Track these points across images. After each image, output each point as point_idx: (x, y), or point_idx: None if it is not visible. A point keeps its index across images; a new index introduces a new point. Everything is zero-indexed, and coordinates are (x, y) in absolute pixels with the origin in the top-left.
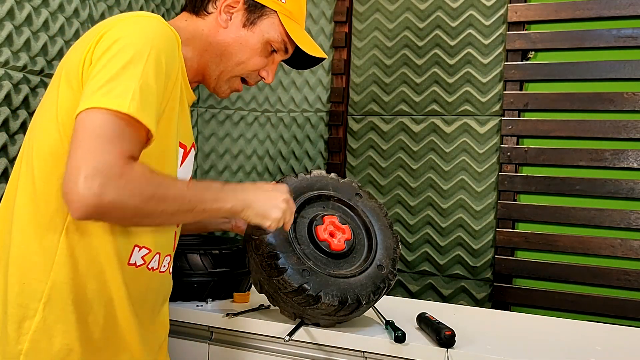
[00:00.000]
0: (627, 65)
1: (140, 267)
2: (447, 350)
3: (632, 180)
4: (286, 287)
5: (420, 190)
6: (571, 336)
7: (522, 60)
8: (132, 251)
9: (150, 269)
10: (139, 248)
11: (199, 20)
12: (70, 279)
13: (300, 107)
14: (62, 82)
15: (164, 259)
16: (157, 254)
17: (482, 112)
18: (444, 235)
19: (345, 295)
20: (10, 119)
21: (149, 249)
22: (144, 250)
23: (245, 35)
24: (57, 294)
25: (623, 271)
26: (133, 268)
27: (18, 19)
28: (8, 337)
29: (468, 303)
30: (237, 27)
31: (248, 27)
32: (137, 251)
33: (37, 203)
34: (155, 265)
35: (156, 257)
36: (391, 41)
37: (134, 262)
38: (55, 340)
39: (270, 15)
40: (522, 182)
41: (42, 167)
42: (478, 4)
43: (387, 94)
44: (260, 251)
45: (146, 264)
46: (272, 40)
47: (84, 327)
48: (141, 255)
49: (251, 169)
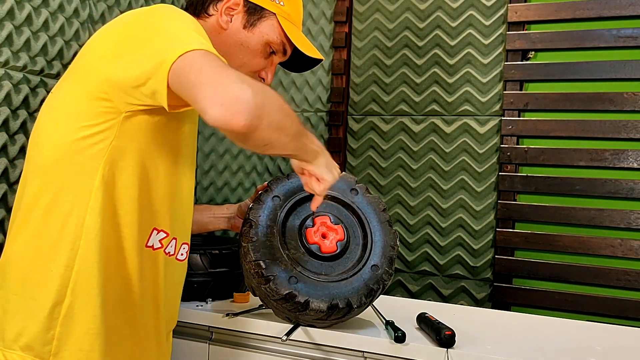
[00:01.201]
0: (627, 65)
1: (157, 250)
2: (447, 350)
3: (632, 180)
4: (274, 294)
5: (420, 190)
6: (571, 336)
7: (522, 60)
8: (151, 234)
9: (167, 253)
10: (157, 231)
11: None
12: (96, 261)
13: (300, 107)
14: (74, 82)
15: (181, 246)
16: (173, 239)
17: (482, 112)
18: (444, 235)
19: (335, 300)
20: (10, 119)
21: (167, 233)
22: (162, 233)
23: (246, 37)
24: (83, 280)
25: (623, 271)
26: (150, 251)
27: (18, 19)
28: (39, 324)
29: (468, 303)
30: (237, 29)
31: (248, 28)
32: (156, 234)
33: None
34: (172, 250)
35: (173, 242)
36: (391, 41)
37: (152, 244)
38: (83, 324)
39: (269, 17)
40: (522, 182)
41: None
42: (478, 4)
43: (387, 94)
44: (247, 259)
45: (163, 248)
46: (271, 41)
47: (107, 310)
48: (159, 238)
49: (251, 169)
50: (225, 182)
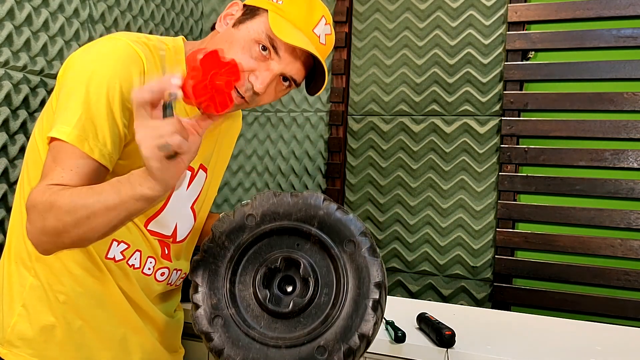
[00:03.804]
0: (627, 65)
1: (119, 262)
2: (447, 350)
3: (632, 180)
4: (196, 325)
5: (420, 190)
6: (571, 336)
7: (522, 60)
8: (110, 245)
9: (131, 265)
10: (117, 242)
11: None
12: (45, 277)
13: (300, 107)
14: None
15: (147, 259)
16: (137, 251)
17: (482, 112)
18: (444, 235)
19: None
20: (10, 119)
21: (127, 244)
22: (122, 244)
23: (231, 33)
24: (34, 292)
25: (623, 271)
26: (112, 262)
27: (18, 19)
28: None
29: (468, 303)
30: (227, 29)
31: (237, 26)
32: (116, 245)
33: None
34: (136, 263)
35: (136, 254)
36: (391, 41)
37: (113, 256)
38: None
39: (261, 14)
40: (522, 182)
41: (30, 174)
42: (478, 4)
43: (387, 94)
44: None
45: (126, 260)
46: (256, 36)
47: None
48: (120, 250)
49: (251, 169)
50: (225, 182)
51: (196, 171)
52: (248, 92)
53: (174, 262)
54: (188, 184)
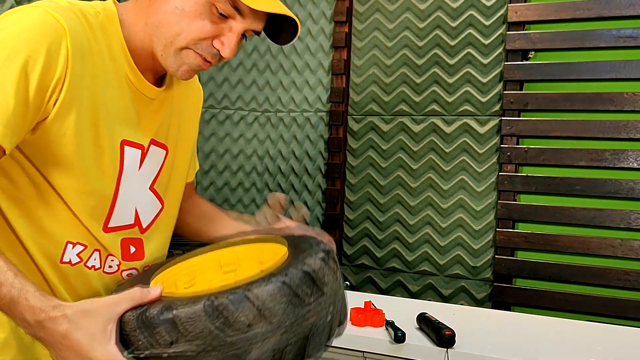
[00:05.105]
0: (627, 65)
1: (76, 265)
2: (447, 350)
3: (632, 180)
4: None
5: (420, 190)
6: (571, 336)
7: (522, 60)
8: (65, 248)
9: (91, 267)
10: (72, 245)
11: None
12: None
13: (300, 107)
14: None
15: (107, 258)
16: (95, 251)
17: (482, 112)
18: (444, 235)
19: None
20: None
21: (84, 245)
22: (78, 246)
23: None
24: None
25: (623, 271)
26: (68, 266)
27: None
28: None
29: (468, 303)
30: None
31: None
32: (71, 248)
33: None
34: (96, 264)
35: (95, 254)
36: (391, 41)
37: (68, 259)
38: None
39: None
40: (522, 182)
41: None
42: (478, 4)
43: (387, 94)
44: None
45: (83, 262)
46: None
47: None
48: (76, 252)
49: (251, 169)
50: (226, 182)
51: (147, 148)
52: (215, 58)
53: (146, 259)
54: (140, 164)
